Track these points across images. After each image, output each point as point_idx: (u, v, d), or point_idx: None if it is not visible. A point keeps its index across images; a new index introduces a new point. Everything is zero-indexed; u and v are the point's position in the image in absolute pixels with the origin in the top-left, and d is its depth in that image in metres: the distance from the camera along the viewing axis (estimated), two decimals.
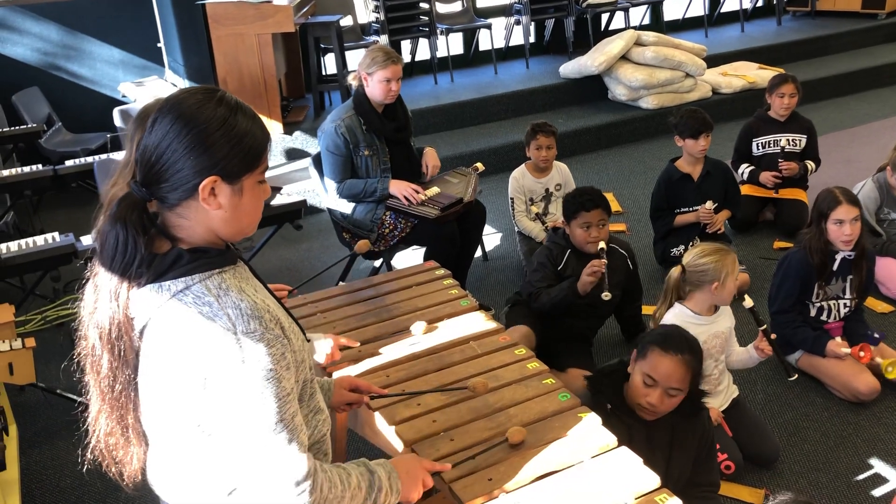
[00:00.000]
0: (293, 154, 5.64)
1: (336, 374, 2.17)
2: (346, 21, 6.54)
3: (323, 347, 2.13)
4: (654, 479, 1.80)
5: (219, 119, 1.32)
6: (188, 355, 1.32)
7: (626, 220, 4.94)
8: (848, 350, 3.09)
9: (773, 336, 2.79)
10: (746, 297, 2.81)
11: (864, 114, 6.76)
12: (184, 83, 5.74)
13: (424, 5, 6.74)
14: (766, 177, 4.47)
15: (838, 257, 3.16)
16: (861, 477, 2.78)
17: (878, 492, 2.70)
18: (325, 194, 3.81)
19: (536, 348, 2.93)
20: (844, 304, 3.25)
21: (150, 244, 1.35)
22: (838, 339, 3.20)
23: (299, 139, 5.66)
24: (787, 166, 4.43)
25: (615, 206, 5.13)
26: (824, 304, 3.23)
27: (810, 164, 4.56)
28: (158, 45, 5.84)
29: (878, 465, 2.81)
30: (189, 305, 1.32)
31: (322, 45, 6.28)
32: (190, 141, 1.31)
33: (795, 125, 4.55)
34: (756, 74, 6.86)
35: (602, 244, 3.12)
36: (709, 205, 3.96)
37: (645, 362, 2.22)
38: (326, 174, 3.70)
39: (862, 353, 3.05)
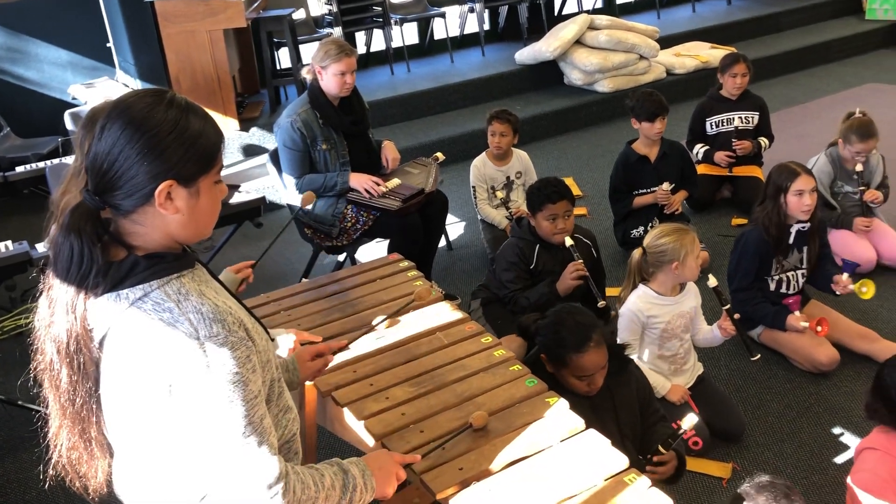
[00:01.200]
0: (250, 151, 5.58)
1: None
2: (299, 14, 6.48)
3: (285, 342, 2.11)
4: (622, 460, 1.82)
5: (171, 122, 1.30)
6: (151, 363, 1.29)
7: (586, 203, 4.98)
8: (807, 324, 3.15)
9: (736, 316, 2.83)
10: (711, 276, 2.84)
11: (815, 89, 6.88)
12: (136, 83, 5.63)
13: None
14: (720, 156, 4.55)
15: (793, 230, 3.22)
16: (824, 445, 2.85)
17: (840, 459, 2.77)
18: (284, 190, 3.78)
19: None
20: (802, 274, 3.31)
21: (105, 252, 1.32)
22: (797, 312, 3.26)
23: (256, 135, 5.60)
24: (740, 145, 4.51)
25: (575, 190, 5.16)
26: (783, 276, 3.29)
27: (763, 141, 4.64)
28: (108, 45, 5.72)
29: (840, 433, 2.88)
30: (149, 313, 1.30)
31: (275, 40, 6.21)
32: (142, 146, 1.28)
33: (747, 103, 4.62)
34: (708, 54, 6.93)
35: (569, 240, 3.10)
36: (665, 186, 4.01)
37: (570, 369, 2.26)
38: (284, 170, 3.66)
39: (819, 328, 3.10)
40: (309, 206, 3.27)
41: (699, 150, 4.66)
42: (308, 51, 6.02)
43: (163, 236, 1.35)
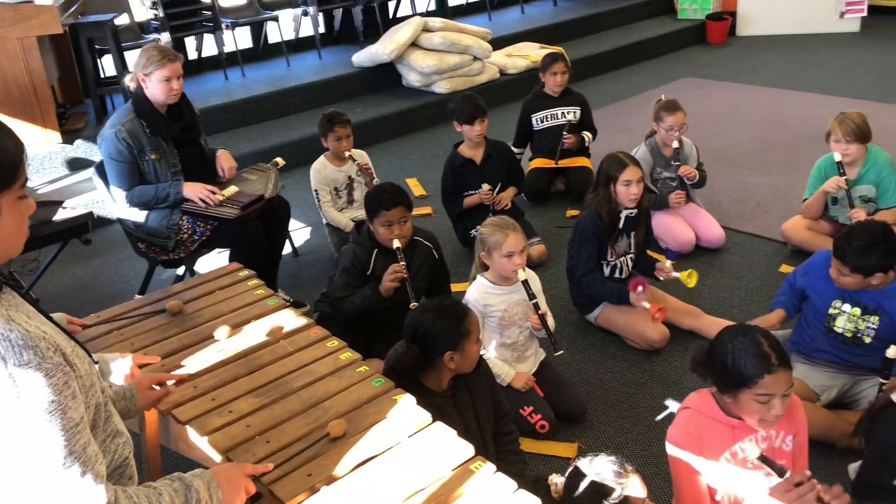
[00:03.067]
0: (76, 164, 5.25)
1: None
2: (122, 20, 6.16)
3: (121, 368, 2.01)
4: (468, 449, 1.87)
5: None
6: None
7: (430, 202, 5.05)
8: (649, 304, 3.34)
9: (541, 311, 2.93)
10: (520, 271, 2.92)
11: (637, 85, 7.31)
12: None
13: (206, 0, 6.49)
14: (569, 142, 4.80)
15: (623, 216, 3.42)
16: (659, 417, 3.04)
17: None
18: (113, 204, 3.59)
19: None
20: (631, 258, 3.53)
21: None
22: (640, 288, 3.45)
23: (81, 148, 5.28)
24: (569, 139, 4.80)
25: (420, 190, 5.24)
26: (616, 262, 3.49)
27: (587, 135, 4.94)
28: None
29: (673, 405, 3.08)
30: None
31: (97, 47, 5.88)
32: None
33: (569, 99, 4.93)
34: (538, 54, 7.19)
35: (397, 243, 3.08)
36: (486, 188, 4.15)
37: (459, 356, 2.30)
38: (112, 183, 3.48)
39: (657, 315, 3.29)
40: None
41: (520, 153, 4.95)
42: (134, 58, 5.74)
43: None
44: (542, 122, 4.94)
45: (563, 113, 4.89)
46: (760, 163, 5.35)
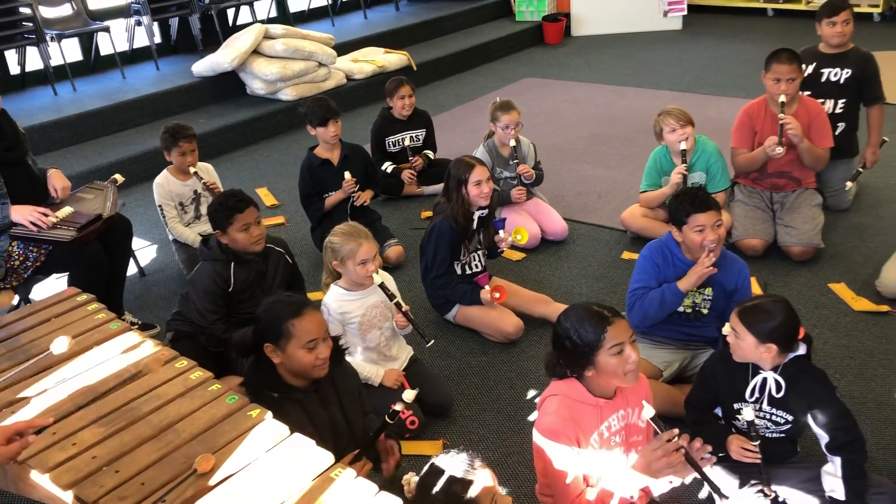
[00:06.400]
0: None
1: None
2: None
3: None
4: (328, 458, 1.86)
5: None
6: None
7: (283, 212, 4.98)
8: (497, 294, 3.43)
9: (405, 308, 2.97)
10: (375, 274, 2.96)
11: (481, 86, 7.50)
12: None
13: (25, 10, 6.07)
14: (406, 176, 4.96)
15: (475, 216, 3.51)
16: (519, 407, 3.13)
17: (533, 416, 3.06)
18: None
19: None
20: (483, 253, 3.65)
21: None
22: (487, 287, 3.55)
23: None
24: (415, 161, 4.96)
25: (271, 200, 5.16)
26: (468, 258, 3.57)
27: (430, 154, 5.12)
28: None
29: (531, 394, 3.19)
30: None
31: None
32: None
33: (416, 122, 5.06)
34: (384, 59, 7.26)
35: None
36: (349, 176, 4.15)
37: (295, 339, 2.24)
38: None
39: (497, 294, 3.41)
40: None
41: (387, 166, 4.98)
42: None
43: None
44: (394, 145, 5.04)
45: (408, 138, 5.02)
46: (599, 156, 5.63)
